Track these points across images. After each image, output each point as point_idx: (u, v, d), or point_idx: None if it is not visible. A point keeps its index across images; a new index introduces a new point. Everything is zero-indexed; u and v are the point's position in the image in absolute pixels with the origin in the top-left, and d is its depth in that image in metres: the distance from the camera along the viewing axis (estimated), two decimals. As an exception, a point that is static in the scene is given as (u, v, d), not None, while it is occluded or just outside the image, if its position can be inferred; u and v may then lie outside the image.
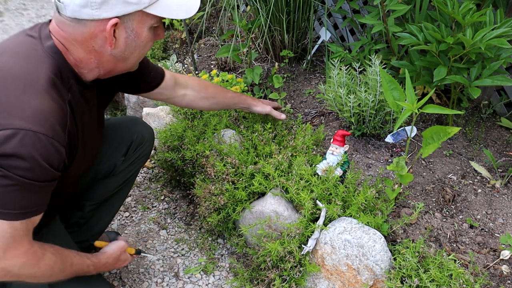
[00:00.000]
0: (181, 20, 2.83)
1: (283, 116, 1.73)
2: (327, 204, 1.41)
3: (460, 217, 1.47)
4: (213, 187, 1.56)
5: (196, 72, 2.39)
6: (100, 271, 1.24)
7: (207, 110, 1.80)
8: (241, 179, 1.55)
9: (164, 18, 1.03)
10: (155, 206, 1.96)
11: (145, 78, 1.37)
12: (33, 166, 0.86)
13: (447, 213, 1.49)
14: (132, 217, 1.90)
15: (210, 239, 1.77)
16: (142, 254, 1.52)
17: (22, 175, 0.86)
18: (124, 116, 1.91)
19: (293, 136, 1.70)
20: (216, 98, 1.60)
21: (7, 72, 0.92)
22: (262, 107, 1.70)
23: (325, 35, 2.24)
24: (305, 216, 1.39)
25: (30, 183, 0.88)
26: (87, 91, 1.08)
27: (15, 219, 0.90)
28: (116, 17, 0.93)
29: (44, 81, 0.91)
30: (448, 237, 1.40)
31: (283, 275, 1.38)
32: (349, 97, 1.64)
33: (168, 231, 1.83)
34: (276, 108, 1.77)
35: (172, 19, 2.92)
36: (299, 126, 1.80)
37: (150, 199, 2.00)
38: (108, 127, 1.42)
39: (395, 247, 1.31)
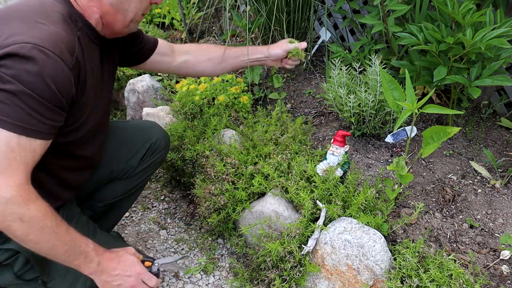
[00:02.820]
0: (181, 20, 2.83)
1: (303, 44, 1.60)
2: (327, 204, 1.41)
3: (460, 217, 1.47)
4: (213, 187, 1.56)
5: (196, 72, 2.39)
6: (102, 265, 1.04)
7: (214, 74, 1.69)
8: (241, 179, 1.55)
9: None
10: (155, 206, 1.96)
11: (138, 44, 1.39)
12: (36, 79, 0.87)
13: (447, 213, 1.49)
14: (132, 217, 1.90)
15: (210, 239, 1.77)
16: (158, 262, 1.22)
17: (25, 84, 0.86)
18: (145, 120, 1.91)
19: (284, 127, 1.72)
20: (221, 57, 1.53)
21: (20, 11, 0.97)
22: (276, 52, 1.58)
23: (325, 35, 2.24)
24: (305, 216, 1.39)
25: (32, 96, 0.87)
26: (93, 45, 1.11)
27: (12, 131, 0.87)
28: None
29: (57, 16, 0.97)
30: (448, 237, 1.40)
31: (283, 275, 1.38)
32: (349, 97, 1.64)
33: (168, 231, 1.83)
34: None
35: (172, 19, 2.93)
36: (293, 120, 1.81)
37: (150, 199, 2.00)
38: (128, 128, 1.46)
39: (395, 247, 1.31)
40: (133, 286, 1.09)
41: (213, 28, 2.97)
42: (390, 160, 1.71)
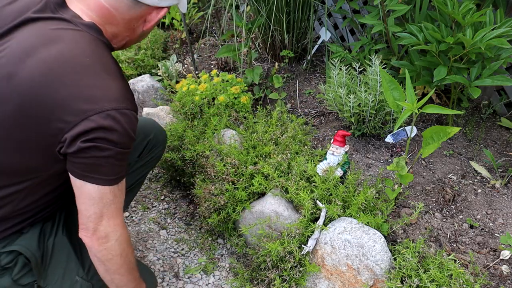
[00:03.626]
0: (181, 20, 2.84)
1: None
2: (327, 204, 1.41)
3: (460, 217, 1.47)
4: (213, 187, 1.56)
5: (196, 72, 2.39)
6: None
7: None
8: (241, 179, 1.55)
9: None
10: (155, 206, 1.96)
11: None
12: (125, 138, 0.97)
13: (447, 213, 1.49)
14: (132, 217, 1.90)
15: (210, 239, 1.77)
16: None
17: (119, 146, 0.96)
18: (140, 117, 1.94)
19: (285, 127, 1.72)
20: None
21: (72, 58, 0.96)
22: None
23: (325, 35, 2.24)
24: (305, 216, 1.39)
25: (123, 152, 0.98)
26: None
27: (113, 184, 0.99)
28: (166, 6, 1.08)
29: (113, 63, 1.01)
30: (448, 237, 1.40)
31: (283, 275, 1.38)
32: (349, 97, 1.64)
33: (168, 231, 1.83)
34: None
35: (172, 19, 2.93)
36: (292, 120, 1.81)
37: (150, 199, 2.00)
38: None
39: (395, 247, 1.31)
40: None
41: (213, 28, 2.98)
42: (390, 160, 1.71)
